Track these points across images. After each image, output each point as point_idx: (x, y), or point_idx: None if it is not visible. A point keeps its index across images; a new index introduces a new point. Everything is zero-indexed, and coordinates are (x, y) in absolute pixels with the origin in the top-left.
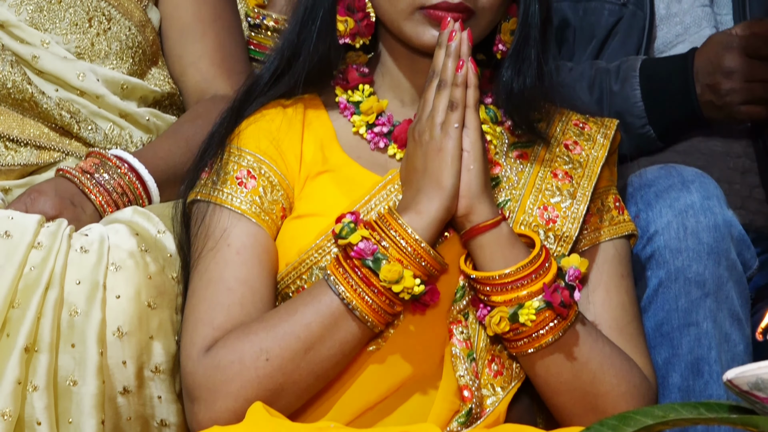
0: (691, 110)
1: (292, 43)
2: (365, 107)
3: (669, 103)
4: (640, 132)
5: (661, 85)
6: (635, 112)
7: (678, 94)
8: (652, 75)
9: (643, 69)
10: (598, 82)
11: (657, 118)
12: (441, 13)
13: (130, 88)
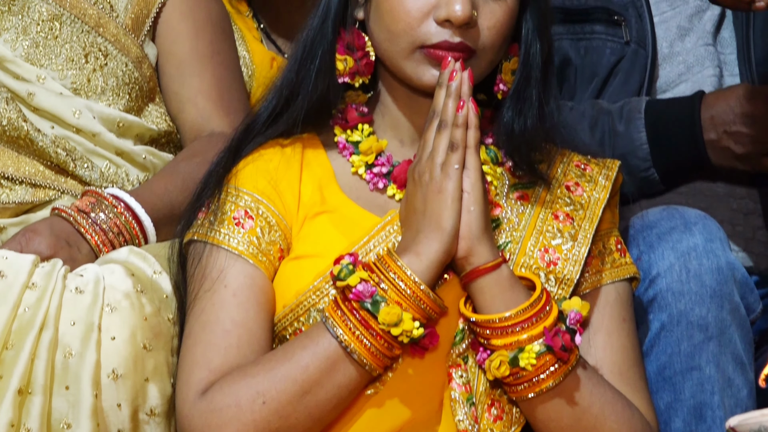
0: (696, 154)
1: (291, 82)
2: (364, 147)
3: (675, 146)
4: (644, 175)
5: (667, 128)
6: (640, 155)
7: (684, 138)
8: (658, 117)
9: (649, 111)
10: (601, 123)
11: (661, 161)
12: (442, 52)
13: (126, 125)
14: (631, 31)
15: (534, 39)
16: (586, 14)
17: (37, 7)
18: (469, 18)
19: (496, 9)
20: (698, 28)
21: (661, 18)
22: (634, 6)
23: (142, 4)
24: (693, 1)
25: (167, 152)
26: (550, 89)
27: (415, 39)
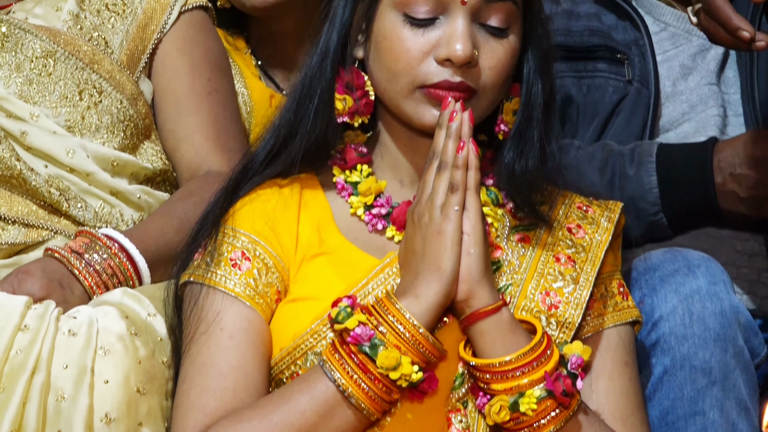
0: (707, 201)
1: (289, 121)
2: (363, 188)
3: (685, 192)
4: (652, 219)
5: (678, 174)
6: (649, 199)
7: (695, 183)
8: (670, 162)
9: (660, 155)
10: (611, 164)
11: (671, 206)
12: (442, 92)
13: (121, 164)
14: (633, 69)
15: (536, 79)
16: (589, 52)
17: (30, 44)
18: (470, 57)
19: (498, 48)
20: (701, 68)
21: (664, 57)
22: (637, 44)
23: (138, 40)
24: (696, 40)
25: (162, 191)
26: (552, 129)
27: (415, 78)
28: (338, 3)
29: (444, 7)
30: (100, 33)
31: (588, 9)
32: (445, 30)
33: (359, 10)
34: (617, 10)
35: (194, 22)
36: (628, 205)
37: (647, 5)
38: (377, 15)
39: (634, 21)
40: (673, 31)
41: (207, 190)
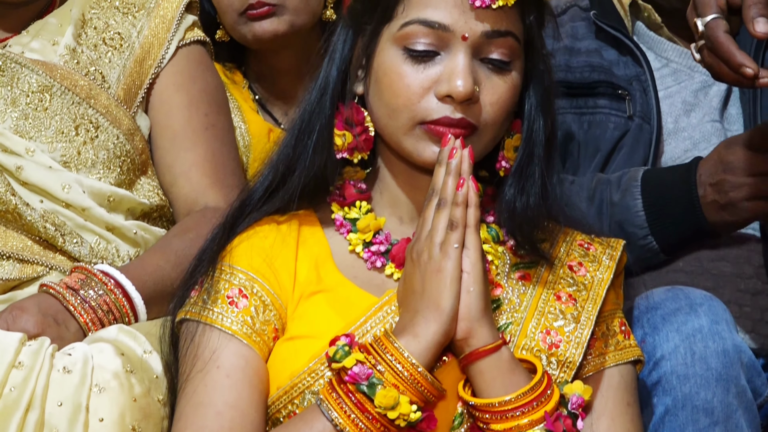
0: (693, 217)
1: (288, 157)
2: (362, 225)
3: (672, 212)
4: (642, 243)
5: (663, 195)
6: (636, 222)
7: (681, 202)
8: (654, 184)
9: (645, 178)
10: (599, 193)
11: (659, 228)
12: (442, 128)
13: (117, 200)
14: (635, 105)
15: (537, 115)
16: (590, 88)
17: (26, 78)
18: (471, 94)
19: (499, 84)
20: (704, 104)
21: (666, 93)
22: (638, 80)
23: (135, 75)
24: (699, 76)
25: (159, 227)
26: (554, 166)
27: (416, 114)
28: (338, 38)
29: (445, 42)
30: (97, 67)
31: (589, 45)
32: (445, 66)
33: (359, 45)
34: (618, 46)
35: (192, 57)
36: (616, 231)
37: (649, 41)
38: (377, 50)
39: (635, 56)
40: (675, 67)
41: (204, 226)
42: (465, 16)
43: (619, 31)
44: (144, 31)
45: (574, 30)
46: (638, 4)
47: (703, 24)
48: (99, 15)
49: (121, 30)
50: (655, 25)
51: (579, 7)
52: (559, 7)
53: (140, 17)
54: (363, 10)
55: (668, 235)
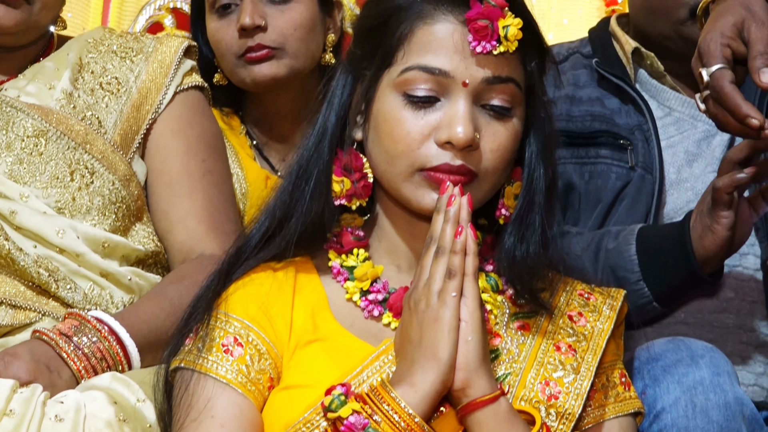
0: (687, 264)
1: (285, 203)
2: (359, 273)
3: (664, 257)
4: (634, 289)
5: (656, 241)
6: (628, 267)
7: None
8: (649, 233)
9: (642, 228)
10: (596, 241)
11: (651, 273)
12: (442, 175)
13: (112, 246)
14: (637, 155)
15: (538, 163)
16: (591, 138)
17: (22, 123)
18: (471, 140)
19: (500, 131)
20: (707, 154)
21: (668, 142)
22: (641, 130)
23: (132, 120)
24: (702, 126)
25: (154, 273)
26: (554, 215)
27: (415, 161)
28: (337, 83)
29: (445, 88)
30: (94, 112)
31: (590, 93)
32: (445, 112)
33: (358, 91)
34: (621, 94)
35: (190, 103)
36: (609, 276)
37: (651, 90)
38: (377, 96)
39: (638, 105)
40: (677, 117)
41: (200, 273)
42: (466, 62)
43: (622, 80)
44: (141, 76)
45: (575, 78)
46: (641, 51)
47: (709, 74)
48: (96, 59)
49: (119, 74)
50: (658, 74)
51: (581, 54)
52: (560, 54)
53: (138, 62)
54: (362, 55)
55: (660, 280)
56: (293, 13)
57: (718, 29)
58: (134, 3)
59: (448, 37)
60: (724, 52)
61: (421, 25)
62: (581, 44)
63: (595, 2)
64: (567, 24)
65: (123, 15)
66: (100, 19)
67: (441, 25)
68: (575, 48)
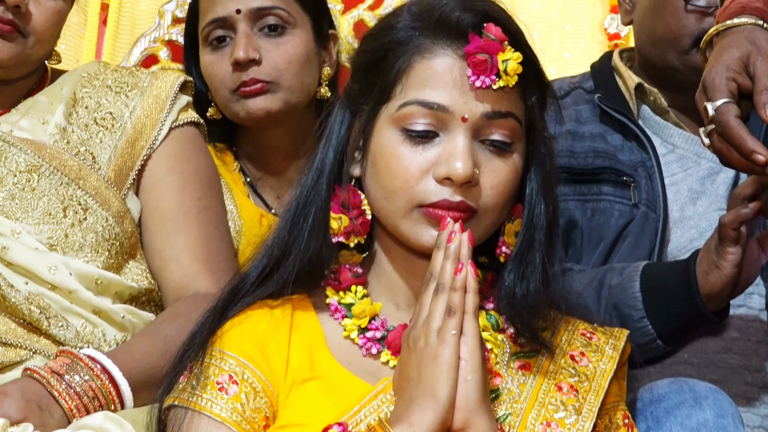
0: (692, 302)
1: (282, 241)
2: (357, 310)
3: (669, 294)
4: (638, 326)
5: (661, 279)
6: (632, 303)
7: (679, 285)
8: (654, 271)
9: (646, 266)
10: (599, 278)
11: (655, 310)
12: (441, 212)
13: (104, 283)
14: (640, 192)
15: (538, 199)
16: (593, 174)
17: (14, 158)
18: (470, 176)
19: (500, 167)
20: (711, 192)
21: (671, 180)
22: (644, 166)
23: (126, 156)
24: (705, 163)
25: (148, 311)
26: (555, 253)
27: (414, 197)
28: (335, 119)
29: (444, 123)
30: (88, 147)
31: (593, 129)
32: (444, 147)
33: (356, 127)
34: (623, 131)
35: (185, 138)
36: (612, 313)
37: (654, 126)
38: (375, 131)
39: (641, 142)
40: (681, 154)
41: (195, 311)
42: (465, 96)
43: (624, 116)
44: (136, 111)
45: (577, 113)
46: (644, 87)
47: (713, 108)
48: (91, 94)
49: (113, 109)
50: (661, 110)
51: (583, 90)
52: (561, 89)
53: (133, 97)
54: (360, 90)
55: (664, 318)
56: (288, 46)
57: (723, 63)
58: (129, 35)
59: (446, 71)
60: (729, 86)
61: (419, 59)
62: (583, 79)
63: (598, 36)
64: (569, 58)
65: (117, 47)
66: (94, 51)
67: (440, 59)
68: (577, 83)
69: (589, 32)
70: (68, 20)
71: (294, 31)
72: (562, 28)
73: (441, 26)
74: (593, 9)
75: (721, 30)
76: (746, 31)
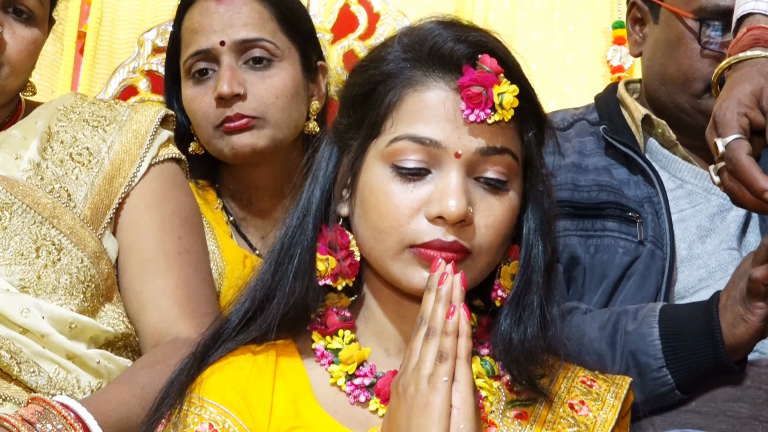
0: (714, 351)
1: (266, 283)
2: (345, 356)
3: (690, 343)
4: (656, 375)
5: (682, 324)
6: (651, 352)
7: (701, 333)
8: (673, 315)
9: (664, 309)
10: (612, 322)
11: (675, 359)
12: (433, 252)
13: (79, 327)
14: (646, 229)
15: (536, 240)
16: (598, 209)
17: None
18: (464, 215)
19: (495, 205)
20: (721, 230)
21: (679, 216)
22: (650, 202)
23: (104, 194)
24: (715, 200)
25: (124, 357)
26: (553, 296)
27: (404, 237)
28: (322, 155)
29: (436, 159)
30: (63, 184)
31: (597, 162)
32: (437, 185)
33: (344, 164)
34: (629, 164)
35: (165, 176)
36: (629, 361)
37: (662, 160)
38: (363, 168)
39: (647, 176)
40: (690, 189)
41: (174, 357)
42: (458, 131)
43: (631, 148)
44: (115, 147)
45: (581, 145)
46: (651, 119)
47: (724, 144)
48: (67, 128)
49: (90, 144)
50: (670, 143)
51: (587, 121)
52: (565, 120)
53: (111, 131)
54: (349, 125)
55: (685, 367)
56: (275, 79)
57: (734, 97)
58: (106, 65)
59: (439, 105)
60: (741, 121)
61: (410, 92)
62: (587, 111)
63: (600, 69)
64: (569, 92)
65: (95, 78)
66: (70, 81)
67: (432, 92)
68: (581, 114)
69: (591, 64)
70: (43, 49)
71: (281, 63)
72: (562, 60)
73: (433, 58)
74: (595, 40)
75: (733, 63)
76: (759, 64)
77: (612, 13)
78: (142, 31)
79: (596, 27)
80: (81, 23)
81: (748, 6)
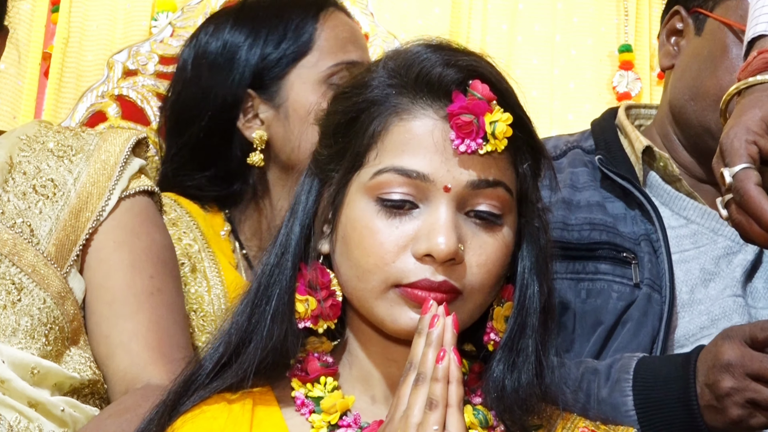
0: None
1: (241, 327)
2: (327, 405)
3: (666, 415)
4: None
5: (658, 394)
6: (627, 423)
7: (677, 404)
8: (649, 379)
9: (638, 371)
10: (585, 385)
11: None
12: (421, 293)
13: (42, 373)
14: (642, 271)
15: (531, 279)
16: (589, 251)
17: None
18: (454, 253)
19: (488, 242)
20: (726, 274)
21: (681, 257)
22: (648, 240)
23: (70, 229)
24: (723, 242)
25: (91, 405)
26: (550, 339)
27: (389, 276)
28: (301, 188)
29: (424, 193)
30: (25, 219)
31: (590, 197)
32: (425, 220)
33: (325, 198)
34: (626, 198)
35: (137, 210)
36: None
37: (664, 196)
38: (345, 202)
39: (645, 211)
40: (695, 229)
41: (144, 406)
42: (447, 163)
43: (629, 181)
44: (81, 178)
45: (573, 178)
46: (653, 151)
47: (731, 174)
48: (30, 158)
49: (55, 176)
50: (672, 177)
51: (581, 150)
52: (557, 148)
53: (77, 162)
54: (330, 156)
55: None
56: None
57: (743, 124)
58: (73, 89)
59: (427, 134)
60: (750, 150)
61: (396, 121)
62: (582, 137)
63: (605, 96)
64: (572, 120)
65: (60, 103)
66: (33, 106)
67: (419, 121)
68: (575, 142)
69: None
70: (5, 72)
71: None
72: (564, 86)
73: (421, 84)
74: (600, 65)
75: (743, 88)
76: None
77: (618, 36)
78: (112, 52)
79: (601, 51)
80: (46, 44)
81: (759, 28)
